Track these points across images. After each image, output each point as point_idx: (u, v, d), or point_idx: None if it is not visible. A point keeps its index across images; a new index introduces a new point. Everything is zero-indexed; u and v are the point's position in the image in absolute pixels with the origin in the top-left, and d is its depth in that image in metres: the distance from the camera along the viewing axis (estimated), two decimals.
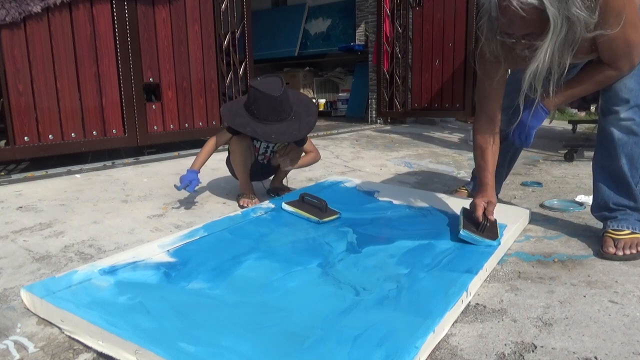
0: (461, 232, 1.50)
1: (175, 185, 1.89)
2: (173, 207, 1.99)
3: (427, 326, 1.01)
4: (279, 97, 1.80)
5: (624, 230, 1.49)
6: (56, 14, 2.61)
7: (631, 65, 1.38)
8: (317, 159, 2.07)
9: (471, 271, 1.28)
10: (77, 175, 2.53)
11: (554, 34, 1.24)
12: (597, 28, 1.28)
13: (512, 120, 1.60)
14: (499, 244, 1.47)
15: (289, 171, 2.15)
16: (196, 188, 1.90)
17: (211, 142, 1.97)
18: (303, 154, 2.08)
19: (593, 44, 1.37)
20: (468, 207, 1.65)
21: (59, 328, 1.07)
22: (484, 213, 1.55)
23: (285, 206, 1.81)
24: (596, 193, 1.59)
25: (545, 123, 5.33)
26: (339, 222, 1.71)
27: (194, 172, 1.91)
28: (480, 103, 1.65)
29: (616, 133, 1.47)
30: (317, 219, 1.69)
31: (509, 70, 1.67)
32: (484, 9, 1.38)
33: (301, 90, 6.59)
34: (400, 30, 4.94)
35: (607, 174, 1.54)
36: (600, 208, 1.59)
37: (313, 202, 1.77)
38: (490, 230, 1.52)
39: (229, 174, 2.21)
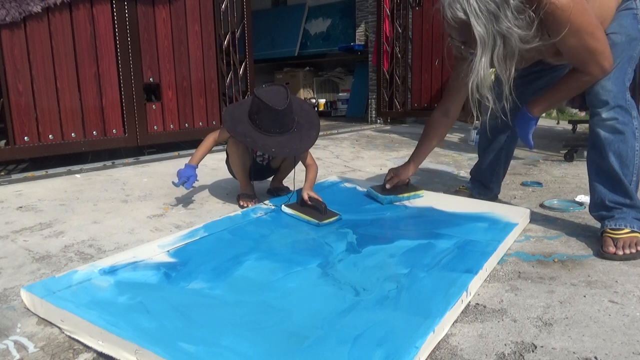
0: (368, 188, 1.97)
1: (173, 182, 1.89)
2: (173, 207, 1.99)
3: (427, 326, 1.01)
4: (283, 110, 1.76)
5: (622, 229, 1.50)
6: (56, 14, 2.61)
7: (602, 69, 1.42)
8: (317, 172, 2.03)
9: (471, 271, 1.28)
10: (77, 175, 2.53)
11: (483, 49, 1.33)
12: (543, 38, 1.35)
13: (498, 125, 1.81)
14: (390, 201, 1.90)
15: (290, 171, 2.15)
16: (194, 184, 1.90)
17: (211, 138, 1.96)
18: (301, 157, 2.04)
19: (557, 49, 1.44)
20: (468, 207, 1.66)
21: (59, 328, 1.07)
22: (388, 180, 1.93)
23: (284, 209, 1.81)
24: (592, 193, 1.61)
25: (549, 124, 5.33)
26: (339, 223, 1.71)
27: (192, 167, 1.90)
28: (443, 96, 1.83)
29: (602, 133, 1.51)
30: (316, 221, 1.69)
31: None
32: None
33: (301, 90, 6.60)
34: (400, 30, 4.94)
35: (601, 173, 1.56)
36: (597, 207, 1.60)
37: (312, 204, 1.77)
38: (390, 191, 1.93)
39: (229, 174, 2.21)
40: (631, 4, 1.49)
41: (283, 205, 1.83)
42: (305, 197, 1.80)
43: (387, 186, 1.94)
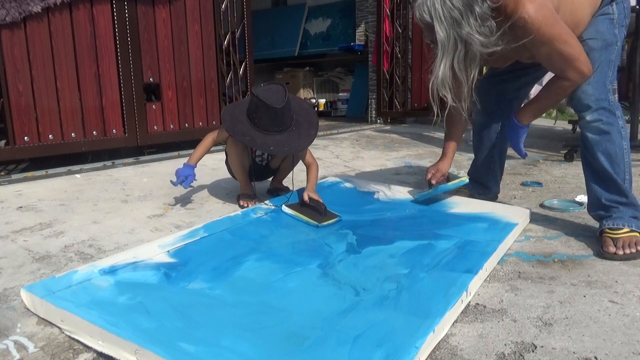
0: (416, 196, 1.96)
1: (171, 181, 1.89)
2: (173, 207, 1.99)
3: (427, 326, 1.01)
4: (281, 109, 1.76)
5: (621, 229, 1.51)
6: (56, 14, 2.61)
7: (580, 74, 1.47)
8: (318, 170, 2.03)
9: (471, 271, 1.28)
10: (77, 175, 2.53)
11: (443, 52, 1.42)
12: (508, 43, 1.42)
13: (487, 122, 1.91)
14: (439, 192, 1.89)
15: (289, 171, 2.15)
16: (192, 184, 1.90)
17: (210, 138, 1.97)
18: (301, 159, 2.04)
19: (531, 54, 1.52)
20: (468, 207, 1.65)
21: (59, 328, 1.07)
22: (430, 178, 1.90)
23: (285, 209, 1.81)
24: (589, 193, 1.64)
25: (549, 123, 5.32)
26: (339, 224, 1.71)
27: (190, 166, 1.90)
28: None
29: (589, 135, 1.56)
30: (315, 222, 1.69)
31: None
32: None
33: (301, 90, 6.60)
34: (400, 30, 4.94)
35: (594, 173, 1.60)
36: (594, 207, 1.62)
37: (312, 205, 1.77)
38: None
39: (229, 174, 2.21)
40: (607, 9, 1.53)
41: (283, 205, 1.83)
42: (306, 198, 1.80)
43: (433, 182, 1.90)
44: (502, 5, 1.41)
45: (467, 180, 1.96)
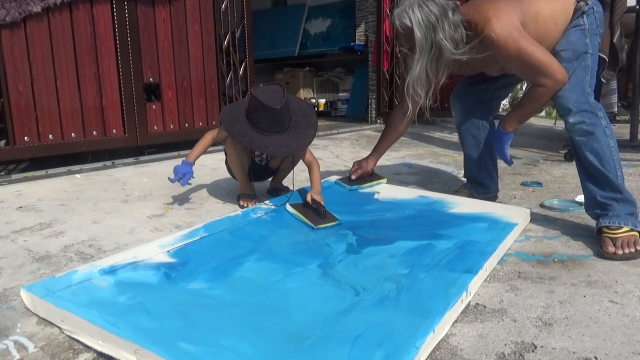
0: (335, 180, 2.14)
1: (169, 178, 1.89)
2: (173, 207, 1.99)
3: (427, 326, 1.01)
4: (280, 109, 1.76)
5: (620, 228, 1.52)
6: (56, 14, 2.61)
7: (554, 79, 1.56)
8: (319, 168, 2.04)
9: (471, 271, 1.28)
10: (77, 175, 2.53)
11: (421, 53, 1.59)
12: (472, 54, 1.58)
13: (466, 120, 2.01)
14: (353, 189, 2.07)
15: (289, 171, 2.15)
16: (189, 182, 1.90)
17: (209, 136, 1.97)
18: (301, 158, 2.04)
19: (500, 67, 1.69)
20: (468, 207, 1.66)
21: (59, 328, 1.07)
22: (353, 172, 2.12)
23: (288, 207, 1.83)
24: (585, 193, 1.68)
25: (549, 123, 5.33)
26: (339, 224, 1.70)
27: (188, 164, 1.90)
28: (401, 97, 2.08)
29: (575, 137, 1.63)
30: (311, 224, 1.69)
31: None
32: None
33: (301, 90, 6.60)
34: None
35: (587, 173, 1.64)
36: (591, 205, 1.65)
37: (314, 207, 1.77)
38: (356, 181, 2.12)
39: (229, 174, 2.21)
40: (579, 21, 1.63)
41: (287, 204, 1.84)
42: (309, 199, 1.80)
43: (352, 177, 2.12)
44: (471, 20, 1.57)
45: (385, 182, 2.18)
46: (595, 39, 1.65)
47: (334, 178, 2.35)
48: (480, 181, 2.06)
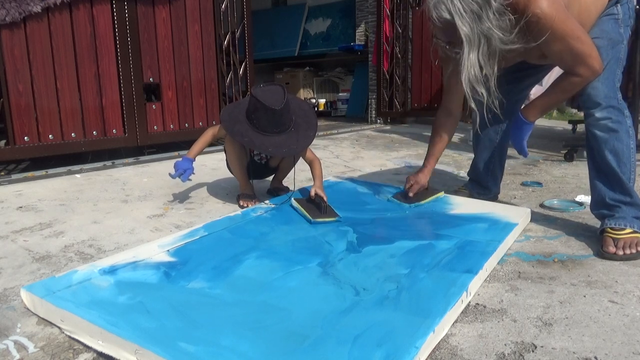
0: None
1: (169, 174, 1.89)
2: (173, 207, 1.99)
3: (427, 326, 1.01)
4: (280, 110, 1.76)
5: (623, 229, 1.50)
6: (56, 14, 2.61)
7: (592, 70, 1.45)
8: (321, 164, 2.04)
9: (471, 271, 1.28)
10: (77, 175, 2.53)
11: (470, 47, 1.41)
12: (525, 42, 1.42)
13: (486, 120, 1.77)
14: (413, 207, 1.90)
15: (289, 171, 2.15)
16: (190, 177, 1.91)
17: (209, 133, 1.97)
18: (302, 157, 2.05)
19: (542, 53, 1.51)
20: (468, 207, 1.65)
21: (59, 328, 1.07)
22: (409, 188, 1.92)
23: (293, 202, 1.86)
24: (593, 191, 1.63)
25: (547, 123, 5.32)
26: (339, 223, 1.70)
27: (189, 160, 1.91)
28: (442, 97, 1.89)
29: (598, 133, 1.55)
30: (310, 217, 1.70)
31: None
32: None
33: (301, 90, 6.60)
34: (400, 30, 4.94)
35: (600, 171, 1.59)
36: (598, 205, 1.61)
37: (317, 202, 1.78)
38: (413, 198, 1.93)
39: (229, 174, 2.21)
40: (612, 9, 1.55)
41: (293, 199, 1.87)
42: (312, 193, 1.82)
43: (410, 194, 1.92)
44: (513, 2, 1.40)
45: (442, 195, 2.01)
46: (627, 30, 1.56)
47: (333, 178, 2.35)
48: (484, 183, 2.05)
